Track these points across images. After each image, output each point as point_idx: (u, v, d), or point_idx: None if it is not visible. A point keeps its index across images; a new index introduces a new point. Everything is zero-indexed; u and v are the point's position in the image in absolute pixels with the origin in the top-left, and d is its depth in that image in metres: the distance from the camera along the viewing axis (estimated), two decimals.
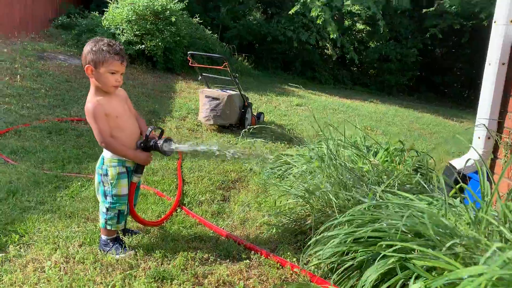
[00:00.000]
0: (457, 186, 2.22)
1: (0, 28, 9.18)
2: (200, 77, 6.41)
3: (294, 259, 2.49)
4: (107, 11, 10.12)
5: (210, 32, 12.74)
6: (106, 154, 2.37)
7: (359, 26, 19.27)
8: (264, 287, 2.22)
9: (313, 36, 14.80)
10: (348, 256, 2.15)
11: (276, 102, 9.58)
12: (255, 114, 6.81)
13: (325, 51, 18.70)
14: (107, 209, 2.36)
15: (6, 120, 4.92)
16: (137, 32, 9.65)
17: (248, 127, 5.73)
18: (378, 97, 15.16)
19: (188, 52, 6.10)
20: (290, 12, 14.01)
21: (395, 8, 15.24)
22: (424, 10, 14.95)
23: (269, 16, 17.24)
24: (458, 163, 3.04)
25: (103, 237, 2.43)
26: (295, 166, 3.61)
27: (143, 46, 9.66)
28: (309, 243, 2.37)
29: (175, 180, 3.75)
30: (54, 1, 12.02)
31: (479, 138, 2.90)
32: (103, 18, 10.06)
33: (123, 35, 9.55)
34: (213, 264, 2.39)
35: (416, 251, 1.91)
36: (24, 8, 10.24)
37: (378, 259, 1.95)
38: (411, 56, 17.14)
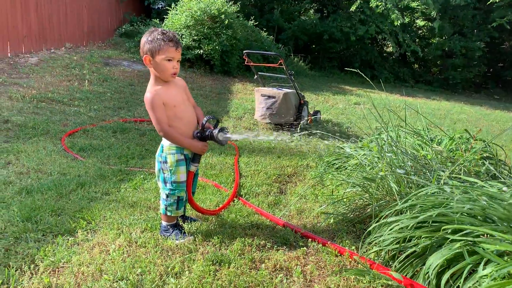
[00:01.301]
0: None
1: (71, 39, 9.85)
2: (255, 76, 6.45)
3: (353, 247, 2.42)
4: (167, 18, 10.49)
5: (266, 34, 12.81)
6: (165, 142, 2.44)
7: (420, 22, 18.54)
8: (322, 273, 2.17)
9: (371, 29, 14.34)
10: (410, 243, 2.05)
11: (333, 101, 9.44)
12: (311, 112, 6.74)
13: (385, 48, 18.15)
14: (167, 196, 2.43)
15: (75, 121, 5.24)
16: (195, 37, 9.92)
17: (304, 124, 5.68)
18: (442, 95, 14.48)
19: (244, 51, 6.15)
20: (351, 10, 13.75)
21: (454, 4, 14.50)
22: (490, 1, 14.04)
23: (326, 16, 17.01)
24: None
25: (164, 223, 2.51)
26: (352, 157, 3.51)
27: (201, 51, 9.90)
28: (368, 229, 2.28)
29: (232, 173, 3.79)
30: (118, 11, 12.68)
31: None
32: (163, 25, 10.43)
33: (182, 40, 9.85)
34: (270, 250, 2.38)
35: (485, 235, 1.78)
36: (91, 20, 10.92)
37: (444, 244, 1.85)
38: (477, 50, 16.14)
